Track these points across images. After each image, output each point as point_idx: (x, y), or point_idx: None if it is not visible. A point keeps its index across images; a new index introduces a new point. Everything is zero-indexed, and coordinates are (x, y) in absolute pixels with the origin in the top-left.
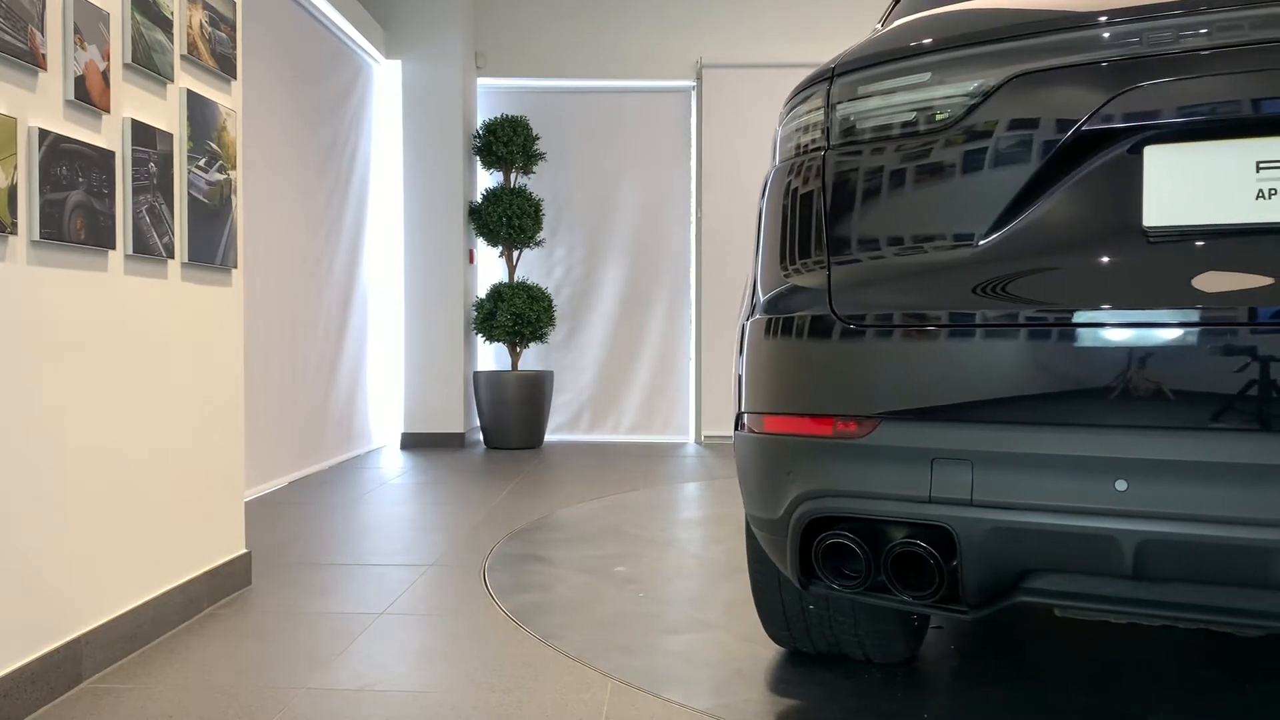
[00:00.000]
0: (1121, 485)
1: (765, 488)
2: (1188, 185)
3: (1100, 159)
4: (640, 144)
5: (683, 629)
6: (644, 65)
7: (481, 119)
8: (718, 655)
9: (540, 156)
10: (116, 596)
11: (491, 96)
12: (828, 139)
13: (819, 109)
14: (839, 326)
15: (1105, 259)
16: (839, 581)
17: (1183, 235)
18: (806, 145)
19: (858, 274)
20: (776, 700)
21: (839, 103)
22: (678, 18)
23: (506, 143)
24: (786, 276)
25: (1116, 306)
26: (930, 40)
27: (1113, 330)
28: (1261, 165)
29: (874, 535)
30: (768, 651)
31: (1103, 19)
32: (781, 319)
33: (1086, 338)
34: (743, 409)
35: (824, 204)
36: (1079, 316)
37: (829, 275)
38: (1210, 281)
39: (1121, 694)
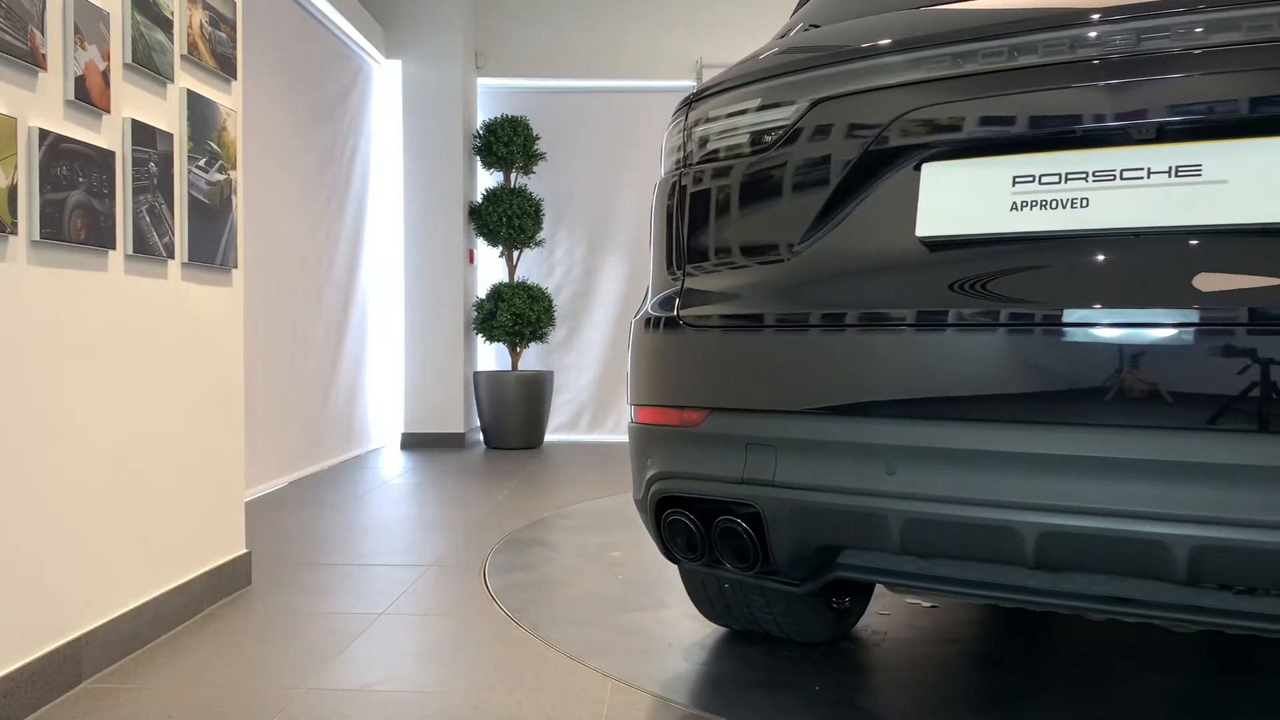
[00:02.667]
0: (891, 470)
1: (635, 472)
2: (955, 198)
3: (888, 176)
4: (640, 144)
5: (643, 608)
6: (644, 65)
7: (481, 119)
8: (661, 631)
9: (540, 156)
10: (116, 596)
11: (491, 96)
12: (686, 159)
13: (681, 131)
14: (682, 329)
15: (886, 268)
16: (687, 555)
17: (948, 244)
18: (674, 164)
19: (700, 282)
20: (689, 668)
21: (693, 126)
22: (677, 18)
23: (506, 143)
24: (661, 283)
25: (891, 310)
26: (759, 70)
27: (887, 331)
28: (1017, 180)
29: (705, 513)
30: (707, 629)
31: (886, 49)
32: (649, 321)
33: (866, 338)
34: (628, 401)
35: (681, 217)
36: (860, 319)
37: (682, 283)
38: (969, 285)
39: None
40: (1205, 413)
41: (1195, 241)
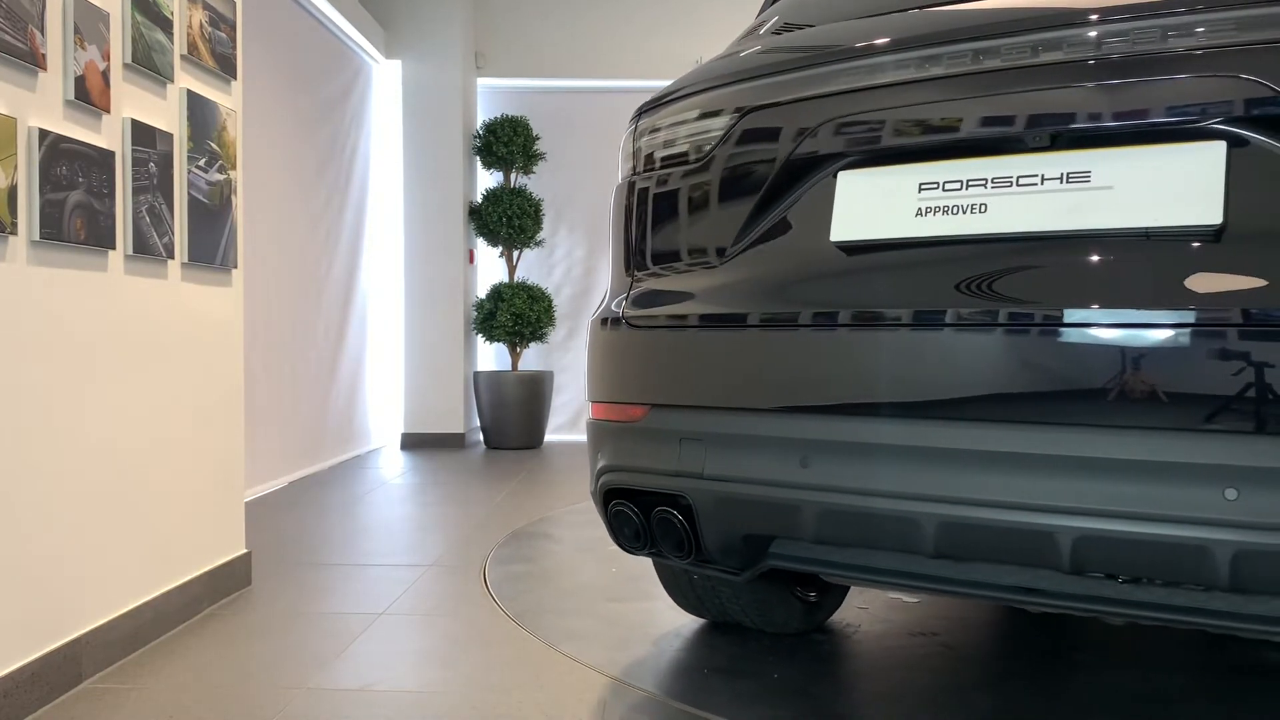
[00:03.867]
0: (805, 463)
1: (590, 465)
2: (866, 205)
3: (808, 184)
4: None
5: (626, 599)
6: (644, 65)
7: (481, 119)
8: (639, 620)
9: (540, 156)
10: (116, 596)
11: (491, 96)
12: (634, 168)
13: (632, 139)
14: (628, 329)
15: (805, 271)
16: (633, 544)
17: (859, 248)
18: (627, 171)
19: (645, 285)
20: (654, 655)
21: (641, 136)
22: (677, 17)
23: (506, 143)
24: (615, 285)
25: (806, 311)
26: (697, 81)
27: (802, 331)
28: (922, 186)
29: (645, 504)
30: (684, 619)
31: (803, 63)
32: (602, 321)
33: (782, 337)
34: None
35: (630, 223)
36: (779, 320)
37: (630, 285)
38: (876, 287)
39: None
40: (1081, 409)
41: (1084, 244)
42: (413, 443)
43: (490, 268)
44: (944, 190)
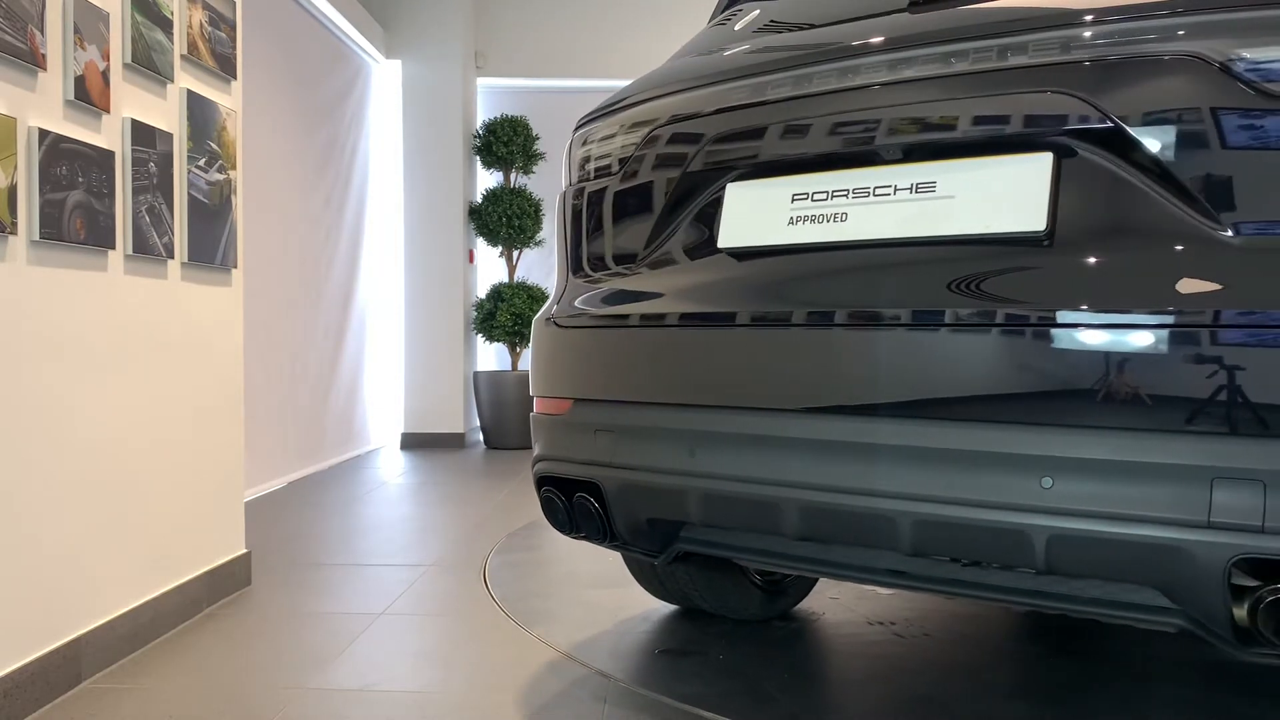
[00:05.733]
0: (692, 452)
1: (531, 456)
2: (748, 214)
3: (702, 195)
4: None
5: (606, 585)
6: (644, 65)
7: (481, 119)
8: (614, 606)
9: (540, 156)
10: (116, 596)
11: (491, 96)
12: (571, 178)
13: (567, 152)
14: (558, 329)
15: (699, 276)
16: (564, 528)
17: (741, 255)
18: (568, 181)
19: (575, 288)
20: (614, 636)
21: (575, 149)
22: (678, 18)
23: (506, 143)
24: (557, 287)
25: (696, 312)
26: (621, 99)
27: (690, 331)
28: (795, 197)
29: (568, 490)
30: (658, 605)
31: (697, 83)
32: (542, 321)
33: (676, 336)
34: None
35: (566, 230)
36: (672, 320)
37: (564, 288)
38: (753, 290)
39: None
40: (915, 402)
41: (929, 250)
42: (412, 443)
43: (490, 268)
44: (812, 200)
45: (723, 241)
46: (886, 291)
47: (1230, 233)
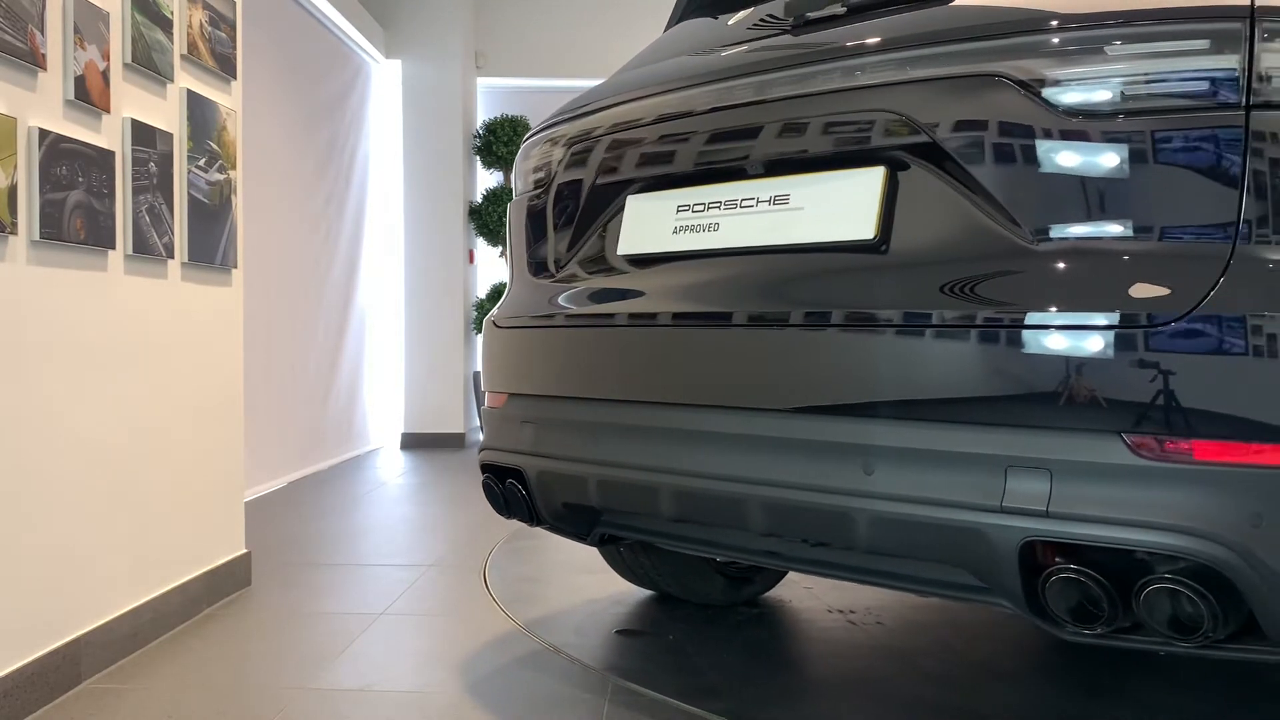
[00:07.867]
0: (595, 441)
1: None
2: (641, 224)
3: (609, 207)
4: None
5: (593, 571)
6: None
7: (481, 119)
8: (592, 587)
9: None
10: (116, 596)
11: (491, 96)
12: (515, 189)
13: (515, 166)
14: (499, 330)
15: (603, 281)
16: (503, 512)
17: (636, 261)
18: (518, 190)
19: (514, 292)
20: (577, 616)
21: (520, 163)
22: None
23: (506, 143)
24: (506, 291)
25: (595, 313)
26: (554, 116)
27: (593, 330)
28: (679, 208)
29: (502, 477)
30: (630, 588)
31: (602, 104)
32: (488, 322)
33: (582, 336)
34: None
35: (510, 238)
36: (578, 320)
37: (508, 291)
38: (644, 293)
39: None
40: (763, 395)
41: (783, 257)
42: (412, 442)
43: (490, 268)
44: (692, 211)
45: (621, 249)
46: (746, 294)
47: (1031, 240)
